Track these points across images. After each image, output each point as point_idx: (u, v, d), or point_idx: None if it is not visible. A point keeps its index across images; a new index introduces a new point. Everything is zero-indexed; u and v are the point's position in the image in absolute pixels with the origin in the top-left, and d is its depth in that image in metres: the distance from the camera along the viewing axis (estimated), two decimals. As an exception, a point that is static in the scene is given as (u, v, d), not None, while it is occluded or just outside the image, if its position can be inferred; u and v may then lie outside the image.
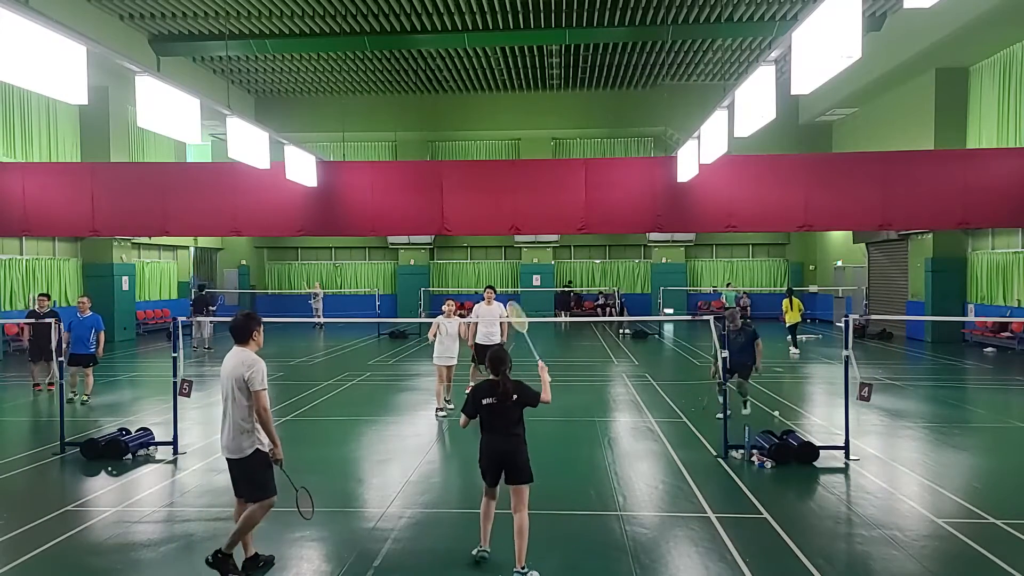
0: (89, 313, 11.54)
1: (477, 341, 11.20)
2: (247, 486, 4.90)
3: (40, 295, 12.43)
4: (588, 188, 16.29)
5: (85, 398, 11.31)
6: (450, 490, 6.90)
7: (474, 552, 5.11)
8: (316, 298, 26.83)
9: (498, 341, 11.16)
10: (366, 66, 24.40)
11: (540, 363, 5.36)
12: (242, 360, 4.82)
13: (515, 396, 4.98)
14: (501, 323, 10.97)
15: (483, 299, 11.29)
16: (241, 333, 4.93)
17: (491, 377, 5.07)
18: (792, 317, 17.19)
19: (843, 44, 6.24)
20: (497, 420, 4.98)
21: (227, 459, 4.91)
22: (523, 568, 4.77)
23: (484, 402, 5.00)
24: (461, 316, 11.18)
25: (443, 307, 10.62)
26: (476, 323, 11.11)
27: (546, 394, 5.17)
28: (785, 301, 17.50)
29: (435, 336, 10.40)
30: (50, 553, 5.34)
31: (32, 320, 11.86)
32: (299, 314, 27.70)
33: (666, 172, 16.41)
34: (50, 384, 12.04)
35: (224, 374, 4.85)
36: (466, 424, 5.14)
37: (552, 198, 16.43)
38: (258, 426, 4.83)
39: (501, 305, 11.27)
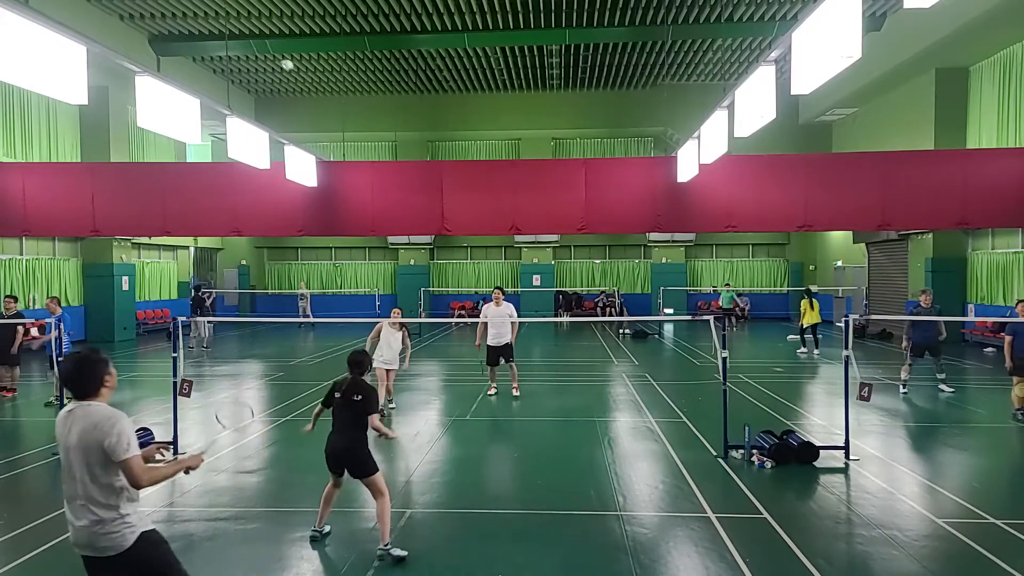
0: (60, 312, 11.47)
1: (488, 343, 11.18)
2: None
3: (7, 297, 12.11)
4: (588, 188, 16.28)
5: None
6: (450, 490, 6.90)
7: (310, 531, 5.46)
8: (303, 298, 26.96)
9: (507, 341, 11.15)
10: (366, 66, 24.40)
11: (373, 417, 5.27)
12: (95, 422, 3.16)
13: (359, 396, 5.20)
14: (512, 323, 10.95)
15: (491, 300, 11.27)
16: (85, 382, 3.25)
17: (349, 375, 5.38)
18: (812, 317, 17.30)
19: (843, 44, 6.23)
20: (340, 417, 5.27)
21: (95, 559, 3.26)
22: (387, 544, 5.10)
23: (336, 395, 5.30)
24: (461, 316, 11.17)
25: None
26: (486, 324, 11.08)
27: (376, 422, 5.25)
28: (804, 302, 17.59)
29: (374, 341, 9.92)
30: (50, 553, 5.34)
31: None
32: (300, 314, 27.69)
33: (666, 172, 16.40)
34: (11, 390, 11.84)
35: (69, 443, 3.19)
36: (320, 413, 5.50)
37: (552, 198, 16.42)
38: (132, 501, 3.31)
39: (511, 305, 11.23)
